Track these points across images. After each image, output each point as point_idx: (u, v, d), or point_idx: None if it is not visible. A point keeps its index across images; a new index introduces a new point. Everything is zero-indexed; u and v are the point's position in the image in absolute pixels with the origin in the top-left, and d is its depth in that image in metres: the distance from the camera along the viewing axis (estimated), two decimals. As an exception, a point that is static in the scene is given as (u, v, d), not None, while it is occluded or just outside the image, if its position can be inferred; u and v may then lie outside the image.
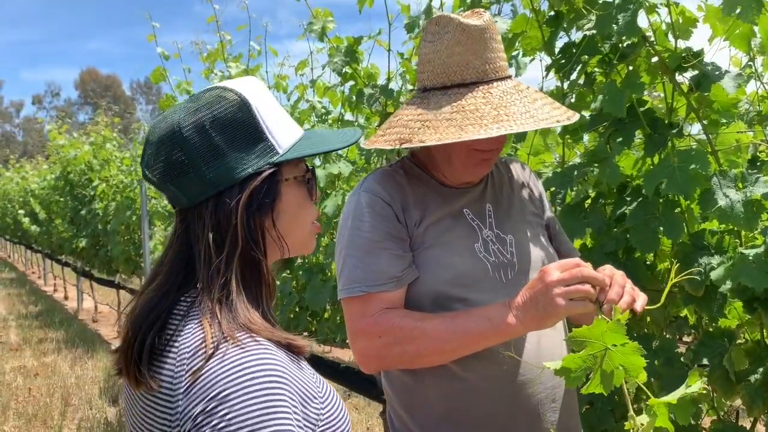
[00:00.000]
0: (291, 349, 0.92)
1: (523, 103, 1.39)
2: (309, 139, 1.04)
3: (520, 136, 2.27)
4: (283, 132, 1.00)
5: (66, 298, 13.05)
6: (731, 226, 1.69)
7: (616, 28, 1.74)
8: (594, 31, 1.83)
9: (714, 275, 1.64)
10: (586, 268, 1.25)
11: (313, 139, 1.05)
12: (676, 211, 1.79)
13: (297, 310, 3.67)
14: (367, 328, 1.43)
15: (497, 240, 1.56)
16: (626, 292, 1.24)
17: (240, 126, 0.95)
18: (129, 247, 8.13)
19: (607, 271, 1.30)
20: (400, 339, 1.40)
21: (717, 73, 1.75)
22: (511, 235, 1.58)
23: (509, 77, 1.45)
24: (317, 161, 3.62)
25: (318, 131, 1.10)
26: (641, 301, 1.27)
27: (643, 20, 1.79)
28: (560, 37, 2.01)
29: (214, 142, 0.94)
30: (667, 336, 1.90)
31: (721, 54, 1.91)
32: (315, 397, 0.90)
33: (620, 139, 1.84)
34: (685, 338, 2.17)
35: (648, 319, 2.00)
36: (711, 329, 1.79)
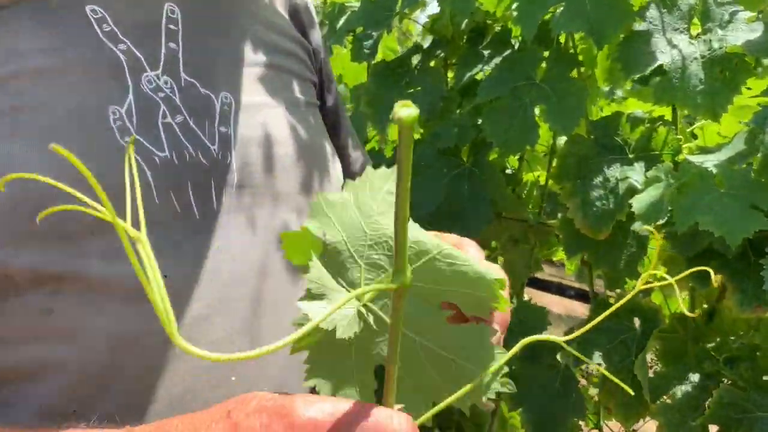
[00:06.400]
0: None
1: None
2: None
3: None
4: None
5: None
6: (679, 109, 0.87)
7: None
8: None
9: (638, 203, 0.82)
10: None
11: None
12: (571, 74, 0.93)
13: None
14: None
15: (186, 103, 0.60)
16: None
17: None
18: None
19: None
20: None
21: None
22: (229, 94, 0.64)
23: None
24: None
25: None
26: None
27: None
28: None
29: None
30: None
31: None
32: None
33: (480, -75, 0.93)
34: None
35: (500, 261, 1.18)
36: (609, 297, 1.00)
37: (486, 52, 1.04)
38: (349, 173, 0.84)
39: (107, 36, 0.56)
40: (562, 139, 1.05)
